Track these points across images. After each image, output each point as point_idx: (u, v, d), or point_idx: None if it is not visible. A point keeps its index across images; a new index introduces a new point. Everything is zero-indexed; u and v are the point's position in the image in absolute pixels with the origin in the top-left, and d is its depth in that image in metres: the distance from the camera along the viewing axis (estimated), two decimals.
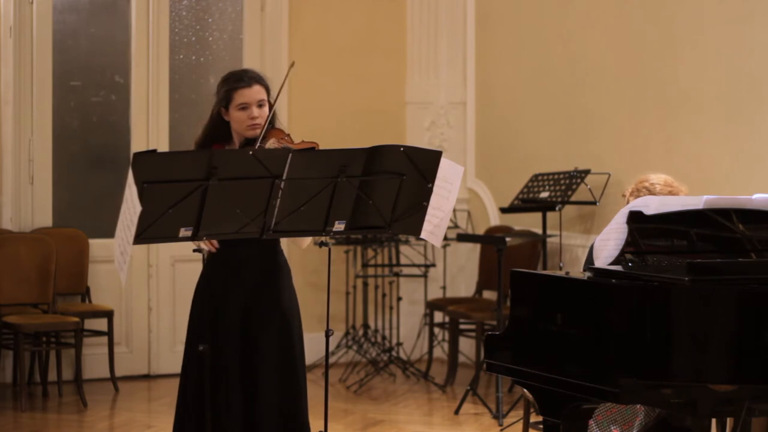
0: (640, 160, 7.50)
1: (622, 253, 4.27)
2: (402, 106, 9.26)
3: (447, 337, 8.60)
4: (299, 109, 8.73)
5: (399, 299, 8.86)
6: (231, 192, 4.10)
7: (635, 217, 4.26)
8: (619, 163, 7.63)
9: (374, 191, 4.33)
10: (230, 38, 8.75)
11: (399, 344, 8.79)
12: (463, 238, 8.05)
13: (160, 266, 8.42)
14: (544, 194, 7.72)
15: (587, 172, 7.65)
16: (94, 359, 8.15)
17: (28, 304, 7.83)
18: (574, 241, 7.95)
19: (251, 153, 4.15)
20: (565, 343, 4.08)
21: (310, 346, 4.82)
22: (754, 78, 6.79)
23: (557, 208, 7.64)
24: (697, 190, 5.05)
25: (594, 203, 7.52)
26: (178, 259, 8.34)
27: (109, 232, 4.52)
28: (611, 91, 7.81)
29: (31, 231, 8.05)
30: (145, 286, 8.40)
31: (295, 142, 4.60)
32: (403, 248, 8.73)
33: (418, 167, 4.34)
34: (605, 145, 7.83)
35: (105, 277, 8.20)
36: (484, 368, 5.04)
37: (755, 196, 4.30)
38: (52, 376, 7.86)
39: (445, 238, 6.80)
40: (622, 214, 4.30)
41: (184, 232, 4.13)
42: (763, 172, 6.67)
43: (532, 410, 5.52)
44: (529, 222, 8.30)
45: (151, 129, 8.42)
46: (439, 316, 8.76)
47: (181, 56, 8.58)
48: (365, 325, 8.70)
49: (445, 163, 4.41)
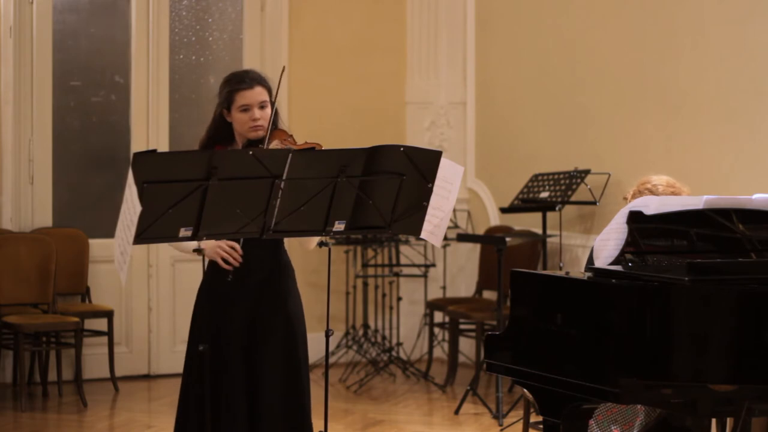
0: (640, 160, 7.50)
1: (622, 253, 4.27)
2: (402, 106, 9.26)
3: (447, 337, 8.59)
4: (299, 109, 8.72)
5: (399, 299, 8.85)
6: (231, 192, 4.10)
7: (635, 217, 4.26)
8: (619, 163, 7.63)
9: (374, 191, 4.32)
10: (230, 38, 8.75)
11: (399, 344, 8.79)
12: (463, 238, 8.05)
13: (160, 266, 8.42)
14: (544, 194, 7.72)
15: (587, 172, 7.65)
16: (94, 359, 8.15)
17: (28, 304, 7.83)
18: (574, 241, 7.95)
19: (251, 153, 4.15)
20: (565, 343, 4.08)
21: (310, 346, 4.81)
22: (754, 78, 6.79)
23: (557, 208, 7.64)
24: (697, 190, 5.05)
25: (594, 203, 7.52)
26: (178, 259, 8.34)
27: (109, 232, 4.52)
28: (611, 91, 7.80)
29: (31, 231, 8.05)
30: (145, 286, 8.40)
31: (298, 143, 4.59)
32: (403, 248, 8.73)
33: (418, 167, 4.33)
34: (605, 145, 7.83)
35: (105, 277, 8.20)
36: (484, 368, 5.04)
37: (755, 196, 4.30)
38: (52, 376, 7.86)
39: (445, 238, 6.80)
40: (622, 214, 4.30)
41: (184, 232, 4.13)
42: (763, 172, 6.67)
43: (532, 410, 5.51)
44: (529, 222, 8.29)
45: (151, 129, 8.42)
46: (439, 316, 8.75)
47: (181, 56, 8.58)
48: (365, 325, 8.70)
49: (445, 163, 4.41)
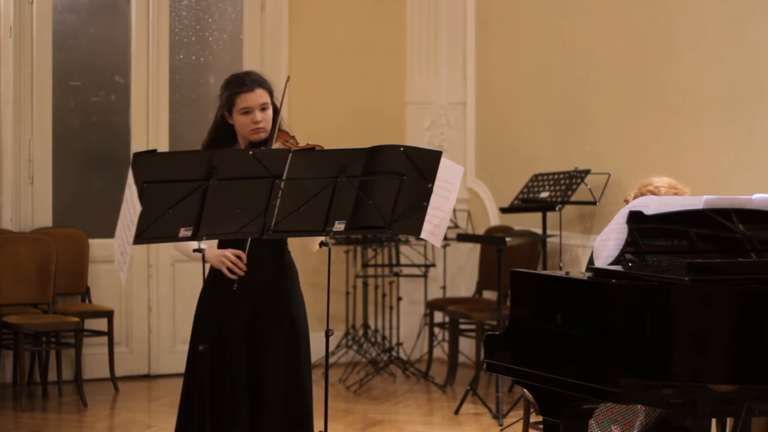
0: (640, 160, 7.50)
1: (622, 253, 4.27)
2: (402, 106, 9.26)
3: (447, 337, 8.59)
4: (299, 109, 8.71)
5: (399, 299, 8.85)
6: (231, 192, 4.10)
7: (635, 217, 4.26)
8: (619, 163, 7.63)
9: (374, 191, 4.32)
10: (230, 38, 8.75)
11: (399, 344, 8.79)
12: (463, 238, 8.05)
13: (160, 266, 8.42)
14: (544, 194, 7.72)
15: (587, 172, 7.65)
16: (94, 359, 8.15)
17: (28, 304, 7.82)
18: (574, 241, 7.95)
19: (251, 153, 4.15)
20: (565, 343, 4.08)
21: (311, 346, 4.82)
22: (754, 78, 6.79)
23: (557, 208, 7.64)
24: (697, 190, 5.05)
25: (594, 203, 7.52)
26: (178, 259, 8.34)
27: (109, 232, 4.52)
28: (611, 91, 7.80)
29: (31, 231, 8.05)
30: (145, 286, 8.40)
31: (300, 144, 4.59)
32: (403, 248, 8.73)
33: (418, 167, 4.33)
34: (605, 145, 7.83)
35: (105, 277, 8.20)
36: (484, 368, 5.04)
37: (755, 196, 4.30)
38: (52, 376, 7.85)
39: (445, 238, 6.80)
40: (622, 214, 4.30)
41: (184, 232, 4.13)
42: (763, 172, 6.67)
43: (532, 410, 5.51)
44: (529, 222, 8.29)
45: (151, 129, 8.41)
46: (439, 316, 8.75)
47: (181, 56, 8.58)
48: (365, 325, 8.70)
49: (445, 163, 4.41)
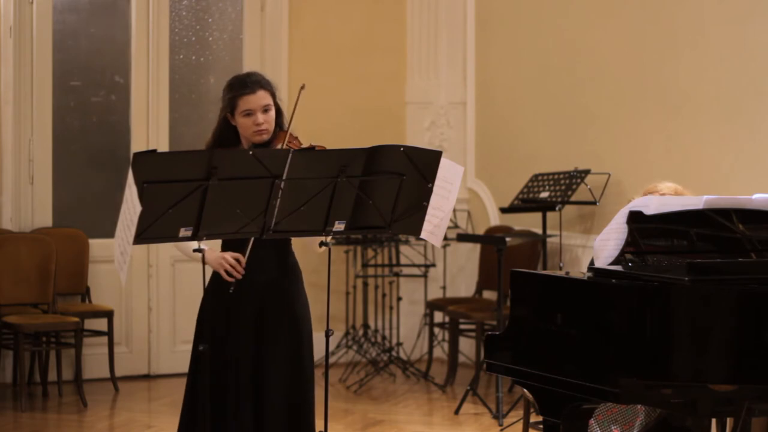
0: (640, 160, 7.50)
1: (622, 253, 4.27)
2: (402, 106, 9.26)
3: (447, 337, 8.59)
4: (299, 109, 8.67)
5: (399, 299, 8.85)
6: (231, 192, 4.10)
7: (635, 217, 4.26)
8: (619, 163, 7.63)
9: (374, 191, 4.32)
10: (230, 38, 8.74)
11: (399, 344, 8.79)
12: (463, 238, 8.05)
13: (160, 266, 8.42)
14: (544, 194, 7.72)
15: (587, 172, 7.64)
16: (94, 359, 8.15)
17: (28, 304, 7.82)
18: (574, 241, 7.95)
19: (251, 153, 4.15)
20: (565, 343, 4.08)
21: None
22: (754, 78, 6.78)
23: (557, 208, 7.64)
24: (697, 190, 5.05)
25: (594, 203, 7.52)
26: (178, 259, 8.34)
27: (109, 232, 4.52)
28: (611, 91, 7.80)
29: (31, 231, 8.05)
30: (145, 286, 8.39)
31: (303, 145, 4.60)
32: (403, 248, 8.73)
33: (418, 167, 4.33)
34: (605, 145, 7.83)
35: (105, 277, 8.20)
36: (484, 368, 5.04)
37: (755, 196, 4.30)
38: (52, 376, 7.85)
39: (445, 238, 6.80)
40: (622, 214, 4.30)
41: (184, 232, 4.13)
42: (763, 172, 6.67)
43: (532, 410, 5.51)
44: (529, 222, 8.29)
45: (151, 129, 8.41)
46: (439, 316, 8.75)
47: (181, 56, 8.58)
48: (365, 325, 8.70)
49: (445, 163, 4.41)
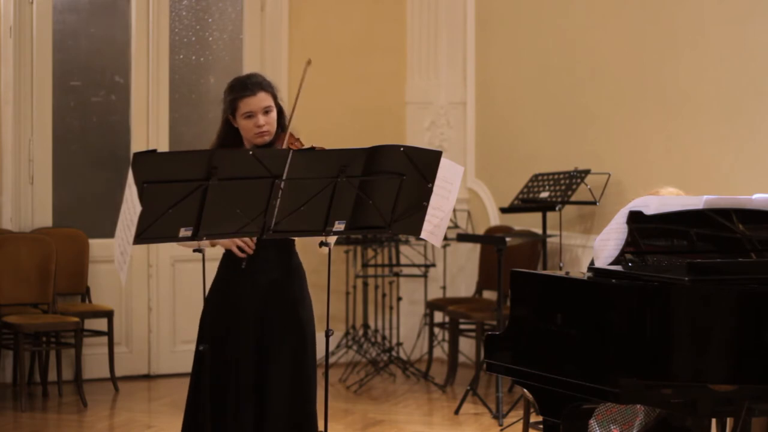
0: (640, 160, 7.50)
1: (622, 253, 4.27)
2: (402, 106, 9.26)
3: (447, 337, 8.59)
4: (299, 109, 8.64)
5: (399, 299, 8.85)
6: (231, 192, 4.10)
7: (635, 217, 4.26)
8: (619, 163, 7.63)
9: (374, 191, 4.33)
10: (230, 38, 8.74)
11: (399, 344, 8.79)
12: (463, 238, 8.05)
13: (160, 266, 8.42)
14: (544, 194, 7.72)
15: (587, 172, 7.65)
16: (94, 359, 8.15)
17: (28, 304, 7.82)
18: (574, 241, 7.95)
19: (251, 153, 4.16)
20: (565, 343, 4.08)
21: None
22: (754, 78, 6.79)
23: (557, 208, 7.64)
24: (697, 190, 5.06)
25: (594, 203, 7.52)
26: (178, 259, 8.34)
27: (109, 232, 4.52)
28: (611, 91, 7.80)
29: (31, 231, 8.05)
30: (145, 286, 8.39)
31: (306, 146, 4.60)
32: (403, 248, 8.73)
33: (418, 167, 4.33)
34: (605, 145, 7.83)
35: (105, 277, 8.20)
36: (484, 368, 5.04)
37: (755, 196, 4.30)
38: (52, 376, 7.85)
39: (445, 238, 6.80)
40: (622, 214, 4.30)
41: (184, 232, 4.13)
42: (763, 172, 6.67)
43: (532, 410, 5.51)
44: (529, 222, 8.29)
45: (151, 129, 8.41)
46: (439, 316, 8.75)
47: (181, 56, 8.58)
48: (365, 325, 8.70)
49: (445, 163, 4.41)
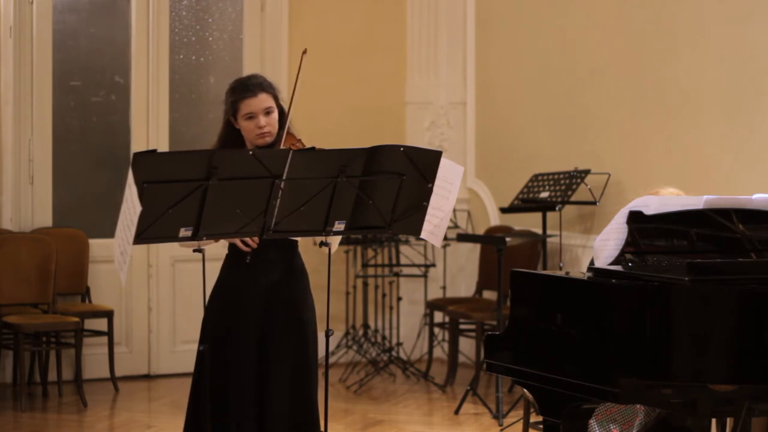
0: (640, 160, 7.50)
1: (622, 253, 4.27)
2: (402, 106, 9.26)
3: (447, 337, 8.59)
4: (299, 109, 8.61)
5: (399, 299, 8.85)
6: (231, 192, 4.10)
7: (635, 217, 4.26)
8: (619, 163, 7.63)
9: (374, 191, 4.32)
10: (230, 38, 8.74)
11: (399, 344, 8.79)
12: (463, 238, 8.05)
13: (160, 266, 8.42)
14: (544, 194, 7.72)
15: (587, 172, 7.65)
16: (94, 359, 8.15)
17: (28, 304, 7.82)
18: (574, 241, 7.95)
19: (251, 153, 4.16)
20: (565, 343, 4.08)
21: None
22: (754, 78, 6.79)
23: (557, 208, 7.64)
24: (697, 190, 5.05)
25: (594, 203, 7.52)
26: (178, 259, 8.34)
27: (109, 232, 4.52)
28: (611, 91, 7.80)
29: (31, 231, 8.05)
30: (145, 286, 8.39)
31: (307, 147, 4.60)
32: (403, 248, 8.73)
33: (418, 167, 4.33)
34: (605, 145, 7.83)
35: (105, 277, 8.20)
36: (484, 368, 5.04)
37: (755, 196, 4.30)
38: (52, 376, 7.85)
39: (445, 238, 6.80)
40: (622, 214, 4.30)
41: (184, 232, 4.13)
42: (763, 172, 6.67)
43: (532, 410, 5.51)
44: (529, 222, 8.29)
45: (151, 129, 8.41)
46: (439, 316, 8.75)
47: (181, 56, 8.58)
48: (365, 325, 8.70)
49: (445, 163, 4.41)
